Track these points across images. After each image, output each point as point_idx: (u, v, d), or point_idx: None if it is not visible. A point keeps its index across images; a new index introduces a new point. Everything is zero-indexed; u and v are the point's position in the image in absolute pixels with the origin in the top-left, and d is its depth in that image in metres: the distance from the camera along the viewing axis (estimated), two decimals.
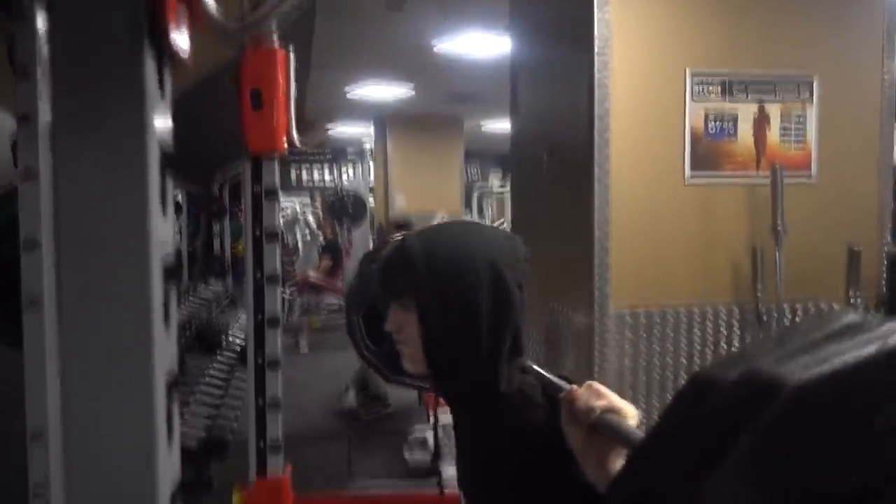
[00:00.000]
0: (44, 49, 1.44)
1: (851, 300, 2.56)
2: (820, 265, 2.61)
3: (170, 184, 0.51)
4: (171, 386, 0.54)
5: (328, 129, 9.32)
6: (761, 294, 2.54)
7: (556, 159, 2.87)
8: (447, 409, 1.31)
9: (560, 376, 1.10)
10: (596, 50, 2.44)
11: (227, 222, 8.04)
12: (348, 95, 8.35)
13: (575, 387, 1.02)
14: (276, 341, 1.72)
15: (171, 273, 0.53)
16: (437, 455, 3.12)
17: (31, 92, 1.42)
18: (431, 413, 3.24)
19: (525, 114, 3.37)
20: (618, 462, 0.93)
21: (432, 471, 2.33)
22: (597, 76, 2.44)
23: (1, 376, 1.90)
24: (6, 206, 1.52)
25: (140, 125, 0.47)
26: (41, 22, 1.34)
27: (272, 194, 1.49)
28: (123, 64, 0.47)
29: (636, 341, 2.49)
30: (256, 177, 1.47)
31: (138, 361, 0.45)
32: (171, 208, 0.51)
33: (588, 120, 2.46)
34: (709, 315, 2.55)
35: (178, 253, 4.81)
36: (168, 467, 0.47)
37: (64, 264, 0.41)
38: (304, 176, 11.92)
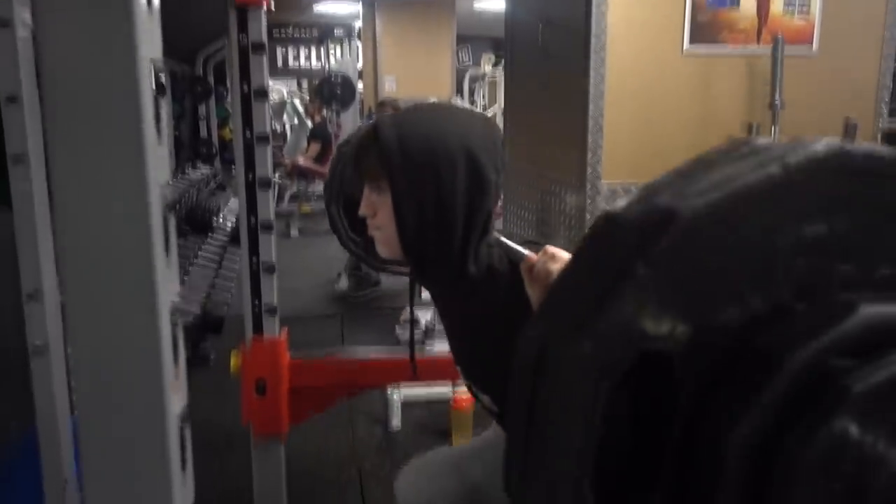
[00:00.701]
0: None
1: None
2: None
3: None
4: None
5: (314, 2, 8.96)
6: None
7: (550, 34, 2.78)
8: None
9: (528, 242, 1.12)
10: None
11: (212, 104, 7.85)
12: None
13: (531, 254, 1.04)
14: (268, 203, 1.71)
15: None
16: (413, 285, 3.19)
17: None
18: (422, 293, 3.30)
19: None
20: None
21: (423, 343, 2.40)
22: None
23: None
24: None
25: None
26: None
27: (259, 48, 1.44)
28: None
29: None
30: (242, 27, 1.41)
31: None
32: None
33: None
34: None
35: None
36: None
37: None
38: (291, 59, 11.57)
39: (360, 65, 9.68)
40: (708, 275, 0.46)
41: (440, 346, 2.10)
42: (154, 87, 0.48)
